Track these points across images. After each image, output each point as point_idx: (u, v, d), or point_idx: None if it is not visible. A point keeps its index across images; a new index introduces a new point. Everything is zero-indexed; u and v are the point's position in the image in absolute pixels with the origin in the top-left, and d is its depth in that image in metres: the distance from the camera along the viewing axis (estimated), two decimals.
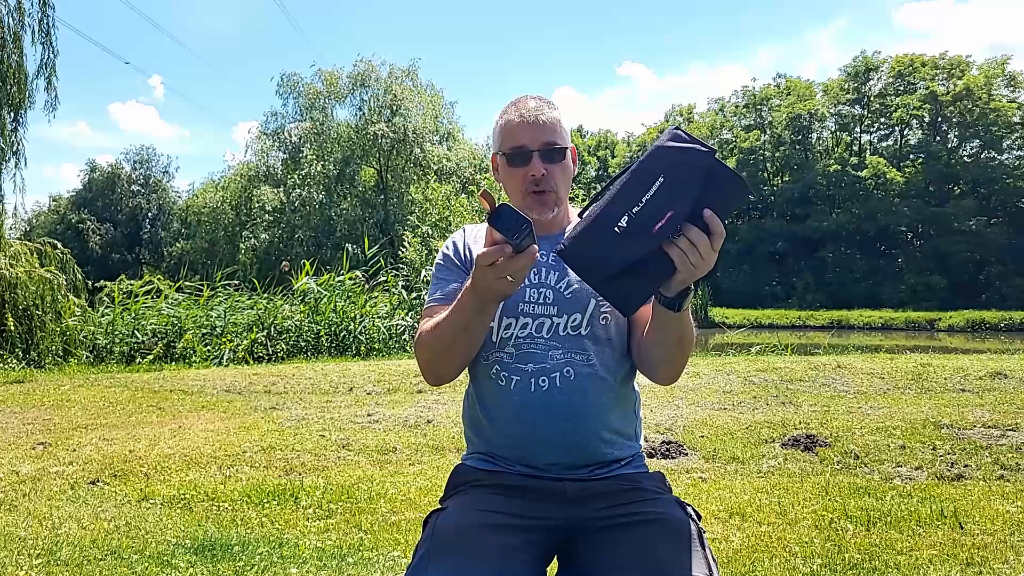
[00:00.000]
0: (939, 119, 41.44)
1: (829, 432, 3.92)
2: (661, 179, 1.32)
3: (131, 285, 11.43)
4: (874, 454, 3.52)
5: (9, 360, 8.68)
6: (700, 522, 1.45)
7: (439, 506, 1.54)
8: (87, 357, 9.59)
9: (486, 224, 1.44)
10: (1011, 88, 39.94)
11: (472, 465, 1.61)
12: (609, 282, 1.36)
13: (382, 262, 12.58)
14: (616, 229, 1.33)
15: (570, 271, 1.52)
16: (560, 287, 1.57)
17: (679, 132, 1.35)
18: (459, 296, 1.45)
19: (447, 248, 1.70)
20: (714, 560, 1.38)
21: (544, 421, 1.51)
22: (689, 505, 1.48)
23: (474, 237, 1.70)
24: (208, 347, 9.49)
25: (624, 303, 1.39)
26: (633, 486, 1.52)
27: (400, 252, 13.22)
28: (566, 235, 1.38)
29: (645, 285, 1.38)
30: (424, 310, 1.63)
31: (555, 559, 1.45)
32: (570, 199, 1.69)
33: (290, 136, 35.13)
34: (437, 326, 1.50)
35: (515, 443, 1.54)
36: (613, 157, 50.91)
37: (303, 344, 9.70)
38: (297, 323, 9.92)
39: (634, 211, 1.32)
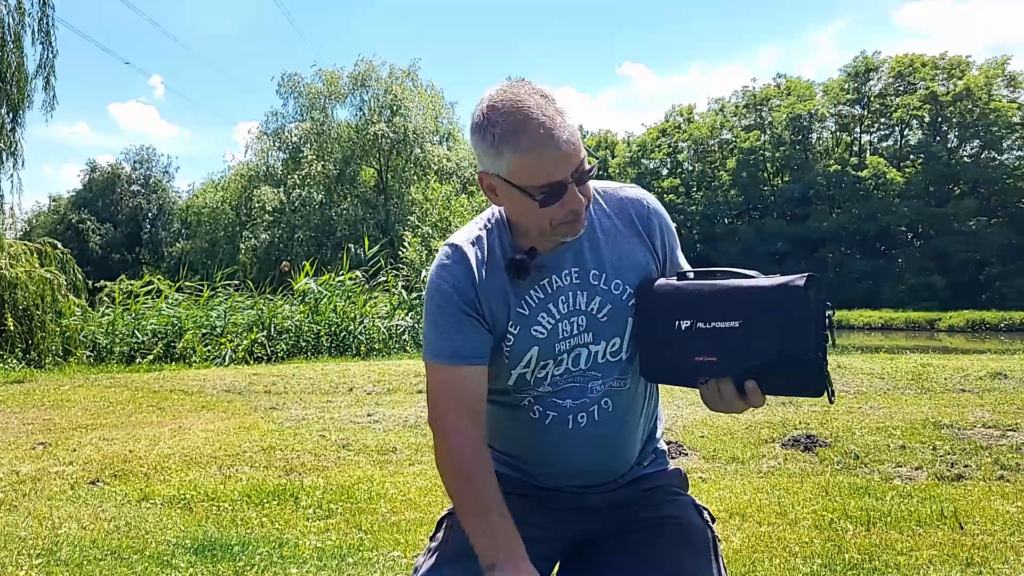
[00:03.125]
0: (939, 119, 41.44)
1: (829, 432, 3.92)
2: (738, 323, 1.20)
3: (131, 285, 11.43)
4: (874, 454, 3.52)
5: (9, 360, 8.68)
6: (714, 524, 1.43)
7: (446, 514, 1.45)
8: (87, 357, 9.59)
9: (493, 245, 1.37)
10: (1011, 88, 39.93)
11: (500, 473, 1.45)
12: (643, 343, 1.32)
13: (382, 262, 12.58)
14: (677, 323, 1.26)
15: (602, 288, 1.38)
16: (592, 309, 1.38)
17: (803, 290, 1.17)
18: (483, 537, 1.27)
19: (447, 287, 1.38)
20: (725, 568, 1.36)
21: (581, 455, 1.41)
22: (706, 509, 1.44)
23: (483, 261, 1.39)
24: (208, 347, 9.49)
25: (644, 369, 1.36)
26: (654, 486, 1.47)
27: (400, 252, 13.23)
28: (661, 279, 1.33)
29: (673, 375, 1.32)
30: (433, 368, 1.37)
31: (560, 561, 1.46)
32: None
33: (290, 136, 35.14)
34: (459, 491, 1.31)
35: (543, 468, 1.44)
36: (613, 157, 50.92)
37: (303, 344, 9.70)
38: (297, 323, 9.92)
39: (698, 325, 1.23)
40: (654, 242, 1.44)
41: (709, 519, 1.43)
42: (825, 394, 1.16)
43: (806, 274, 1.19)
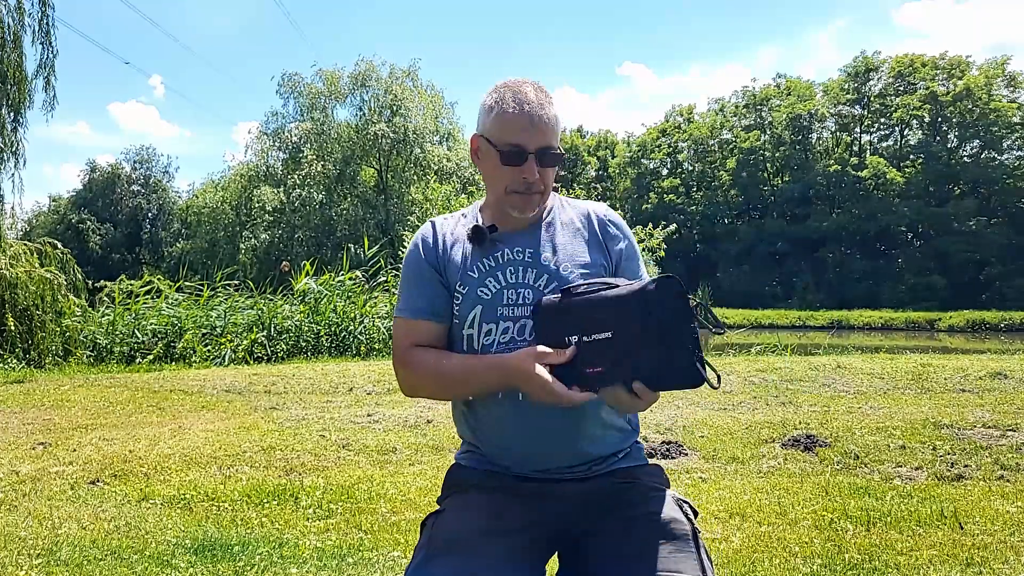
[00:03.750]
0: (939, 119, 41.43)
1: (829, 432, 3.92)
2: (610, 332, 1.29)
3: (131, 285, 11.42)
4: (874, 454, 3.52)
5: (9, 360, 8.68)
6: (696, 519, 1.46)
7: (437, 507, 1.55)
8: (87, 357, 9.59)
9: (462, 222, 1.59)
10: (1011, 88, 39.93)
11: (467, 465, 1.60)
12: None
13: (382, 262, 12.57)
14: (567, 339, 1.35)
15: (551, 268, 1.52)
16: (539, 285, 1.52)
17: (680, 292, 1.27)
18: (481, 370, 1.44)
19: (416, 250, 1.61)
20: (709, 559, 1.39)
21: (534, 433, 1.49)
22: (687, 502, 1.47)
23: (448, 231, 1.62)
24: (208, 347, 9.49)
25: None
26: (631, 483, 1.50)
27: (400, 252, 13.21)
28: (546, 297, 1.44)
29: (579, 387, 1.35)
30: (397, 321, 1.57)
31: (555, 557, 1.47)
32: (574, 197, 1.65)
33: (290, 136, 35.13)
34: (442, 375, 1.48)
35: (507, 452, 1.52)
36: (613, 157, 50.89)
37: (303, 344, 9.70)
38: (297, 323, 9.92)
39: (583, 339, 1.32)
40: (609, 246, 1.58)
41: (691, 512, 1.46)
42: (705, 383, 1.24)
43: (658, 277, 1.30)
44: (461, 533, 1.39)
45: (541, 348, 1.36)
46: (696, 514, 1.48)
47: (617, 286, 1.35)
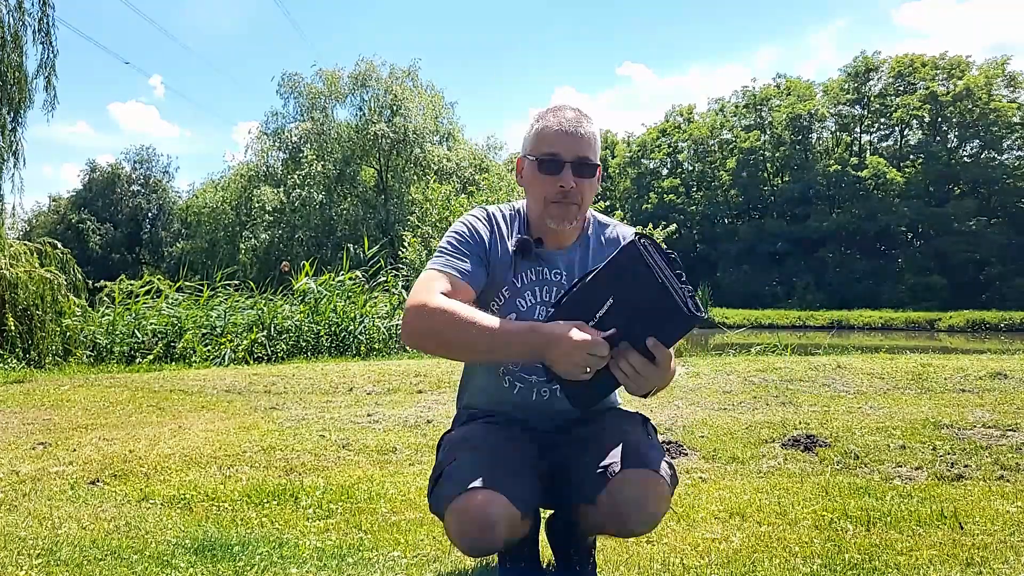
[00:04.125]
0: (939, 119, 41.43)
1: (829, 432, 3.92)
2: (611, 301, 1.42)
3: (131, 285, 11.42)
4: (874, 454, 3.52)
5: (9, 360, 8.68)
6: (656, 434, 1.73)
7: (446, 431, 1.79)
8: (87, 357, 9.59)
9: (513, 223, 1.71)
10: (1011, 88, 39.92)
11: (477, 410, 1.80)
12: (563, 381, 1.48)
13: (382, 262, 12.57)
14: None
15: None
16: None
17: (639, 247, 1.42)
18: (512, 327, 1.49)
19: (472, 228, 1.68)
20: (654, 430, 1.71)
21: (545, 418, 1.73)
22: (650, 422, 1.74)
23: (504, 226, 1.71)
24: (208, 347, 9.49)
25: (575, 402, 1.53)
26: (606, 410, 1.75)
27: (400, 252, 13.23)
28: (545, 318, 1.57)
29: (593, 393, 1.50)
30: (428, 273, 1.60)
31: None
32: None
33: (290, 136, 35.13)
34: (457, 334, 1.48)
35: (514, 405, 1.75)
36: (613, 157, 50.88)
37: (303, 344, 9.69)
38: (297, 323, 9.92)
39: (591, 324, 1.43)
40: None
41: (649, 423, 1.72)
42: (695, 317, 1.39)
43: (635, 233, 1.48)
44: (473, 435, 1.64)
45: (580, 324, 1.45)
46: (655, 431, 1.75)
47: (592, 271, 1.48)
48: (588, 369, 1.41)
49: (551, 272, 1.69)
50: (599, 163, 1.66)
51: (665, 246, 1.50)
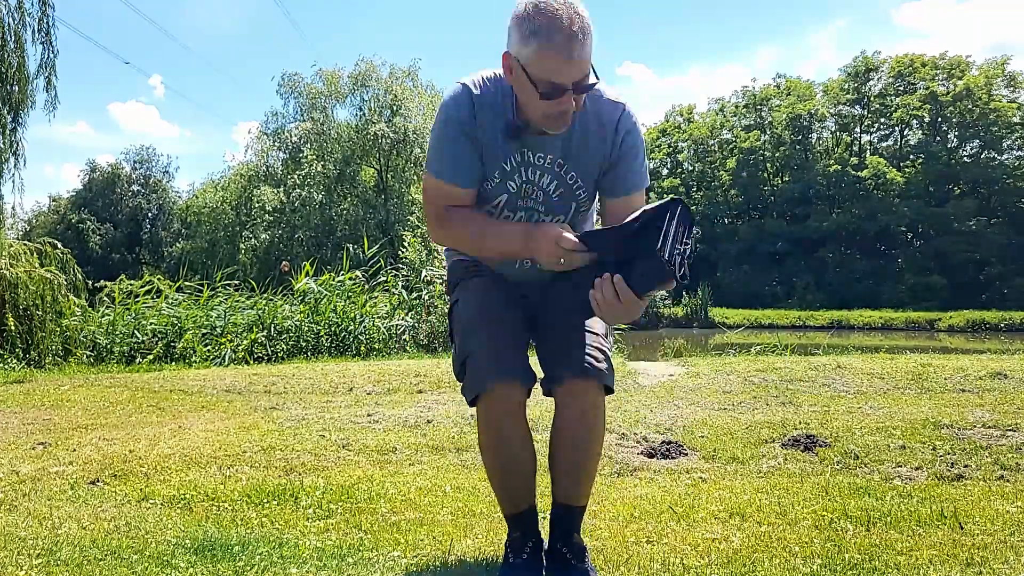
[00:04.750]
0: (939, 119, 41.42)
1: (829, 432, 3.93)
2: (617, 238, 1.64)
3: (131, 285, 11.41)
4: (874, 454, 3.52)
5: (9, 360, 8.68)
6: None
7: (454, 299, 1.99)
8: (87, 357, 9.59)
9: (497, 101, 1.78)
10: (1011, 88, 39.91)
11: (464, 259, 2.01)
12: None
13: (382, 262, 12.57)
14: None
15: (562, 176, 1.83)
16: (550, 190, 1.85)
17: (668, 212, 1.63)
18: (508, 228, 1.79)
19: (456, 117, 1.76)
20: (611, 331, 1.95)
21: (528, 285, 1.97)
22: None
23: (487, 107, 1.77)
24: (208, 347, 9.49)
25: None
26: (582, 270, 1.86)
27: (400, 252, 13.21)
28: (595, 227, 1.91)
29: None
30: (436, 182, 1.80)
31: None
32: None
33: (290, 136, 35.13)
34: (470, 243, 1.86)
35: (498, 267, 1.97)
36: None
37: (303, 344, 9.69)
38: (297, 323, 9.92)
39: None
40: (614, 146, 1.83)
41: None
42: (675, 280, 1.56)
43: (640, 214, 1.65)
44: (485, 311, 1.85)
45: (566, 227, 1.69)
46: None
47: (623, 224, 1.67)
48: (563, 261, 1.65)
49: (535, 156, 1.80)
50: (594, 71, 1.68)
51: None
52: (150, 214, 48.72)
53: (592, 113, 1.78)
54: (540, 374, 1.90)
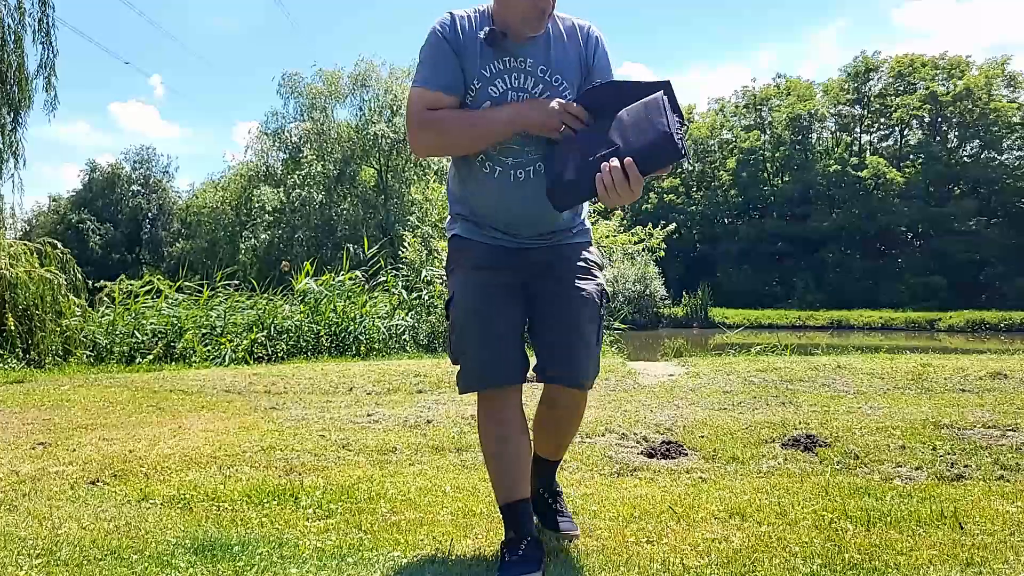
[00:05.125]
0: (939, 119, 41.42)
1: (829, 432, 3.93)
2: (623, 115, 1.71)
3: (131, 285, 11.41)
4: (874, 454, 3.52)
5: (9, 360, 8.68)
6: (608, 303, 2.13)
7: (449, 294, 2.09)
8: (87, 357, 9.58)
9: (476, 20, 1.96)
10: (1011, 88, 39.90)
11: (464, 236, 2.09)
12: (560, 178, 1.79)
13: (382, 262, 12.57)
14: (575, 144, 1.77)
15: (547, 80, 1.95)
16: (536, 92, 1.95)
17: (664, 94, 1.72)
18: (491, 128, 1.88)
19: (439, 34, 1.97)
20: (601, 323, 2.09)
21: (519, 203, 1.98)
22: (605, 293, 2.10)
23: (466, 25, 1.96)
24: (208, 347, 9.49)
25: (554, 195, 1.83)
26: (580, 257, 2.09)
27: (400, 252, 13.22)
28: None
29: (572, 191, 1.80)
30: (419, 89, 1.97)
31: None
32: None
33: (290, 136, 35.15)
34: (455, 131, 1.91)
35: (495, 216, 2.03)
36: None
37: (303, 344, 9.69)
38: (297, 323, 9.92)
39: (592, 136, 1.73)
40: (588, 51, 2.00)
41: (606, 299, 2.09)
42: (684, 158, 1.71)
43: (661, 84, 1.75)
44: (477, 319, 1.98)
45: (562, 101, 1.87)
46: (609, 300, 2.29)
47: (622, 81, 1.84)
48: (563, 128, 1.82)
49: (516, 60, 1.94)
50: None
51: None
52: (150, 214, 48.71)
53: (564, 26, 2.01)
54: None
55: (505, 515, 2.07)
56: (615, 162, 1.67)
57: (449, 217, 2.18)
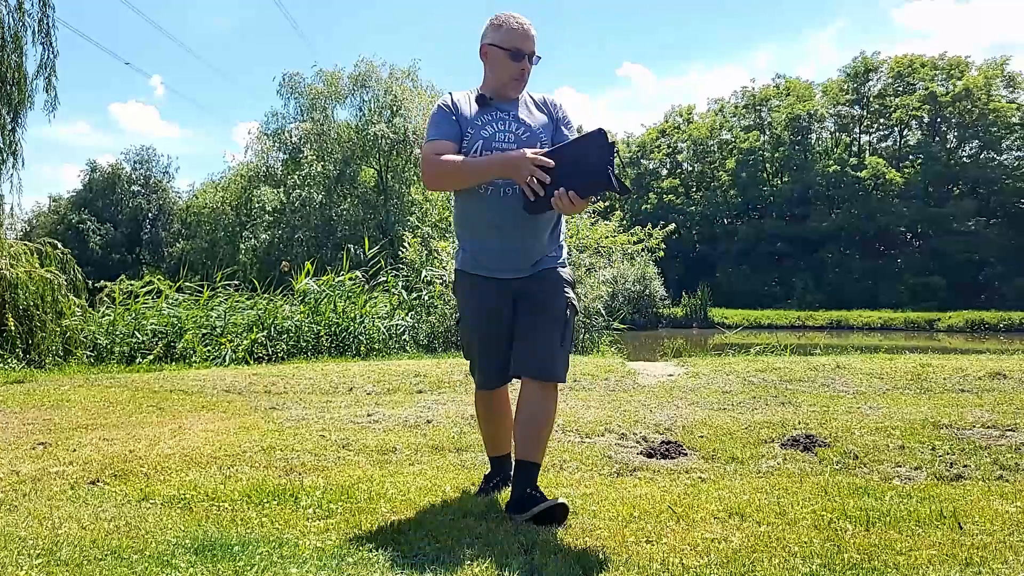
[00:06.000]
0: (938, 120, 41.44)
1: (828, 432, 3.93)
2: (570, 161, 2.43)
3: (131, 285, 11.41)
4: (873, 454, 3.52)
5: (9, 360, 8.68)
6: (575, 316, 2.73)
7: (458, 315, 2.86)
8: (87, 357, 9.58)
9: (469, 95, 2.72)
10: (1010, 89, 39.92)
11: (463, 270, 2.75)
12: (529, 200, 2.48)
13: (382, 262, 12.58)
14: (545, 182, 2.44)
15: (527, 123, 2.65)
16: (519, 132, 2.63)
17: (603, 137, 2.43)
18: (480, 168, 2.53)
19: (443, 106, 2.68)
20: (570, 332, 2.68)
21: (509, 214, 2.57)
22: (574, 305, 2.69)
23: (463, 99, 2.70)
24: (208, 347, 9.49)
25: (528, 207, 2.49)
26: (554, 279, 2.67)
27: (400, 252, 13.22)
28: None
29: (539, 203, 2.47)
30: (429, 143, 2.62)
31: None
32: None
33: (290, 136, 35.10)
34: (454, 169, 2.56)
35: (486, 243, 2.66)
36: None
37: (303, 344, 9.70)
38: (297, 323, 9.92)
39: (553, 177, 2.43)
40: (555, 113, 2.76)
41: (573, 312, 2.68)
42: (616, 190, 2.42)
43: (598, 128, 2.45)
44: (476, 338, 2.77)
45: (532, 150, 2.48)
46: (576, 313, 2.73)
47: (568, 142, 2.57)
48: (531, 178, 2.42)
49: (500, 112, 2.66)
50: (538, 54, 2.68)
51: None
52: (150, 214, 48.68)
53: (536, 97, 2.78)
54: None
55: (491, 463, 3.01)
56: (562, 193, 2.38)
57: (458, 246, 2.81)
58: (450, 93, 2.71)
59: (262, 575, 2.09)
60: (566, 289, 2.65)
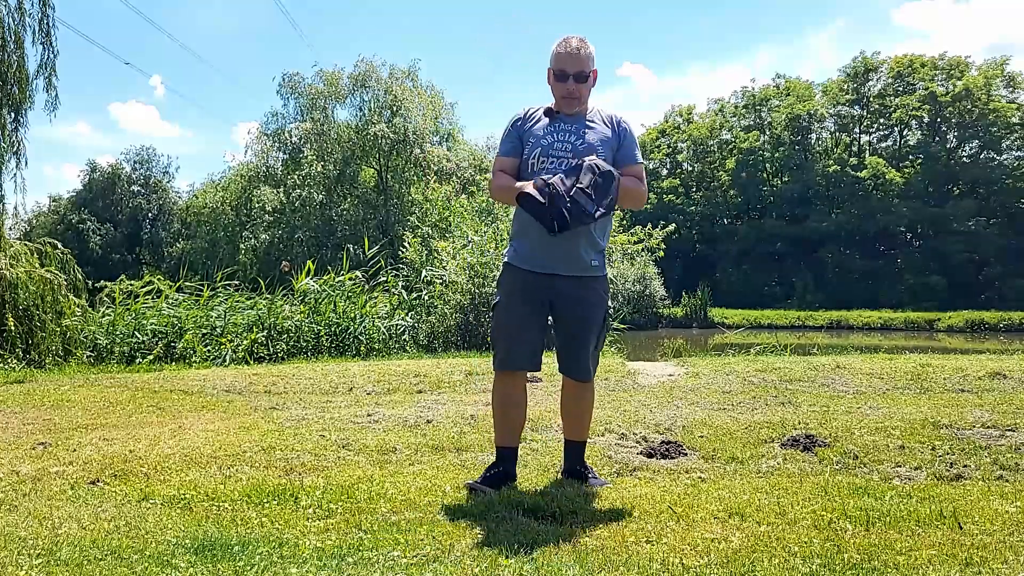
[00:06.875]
0: (938, 120, 41.41)
1: (828, 432, 3.93)
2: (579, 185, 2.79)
3: (131, 285, 11.41)
4: (873, 454, 3.52)
5: (9, 360, 8.68)
6: (610, 321, 3.33)
7: (496, 298, 3.10)
8: (87, 357, 9.58)
9: (540, 108, 3.08)
10: (1010, 89, 39.90)
11: (511, 263, 3.04)
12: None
13: (382, 262, 12.58)
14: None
15: (584, 135, 2.96)
16: (576, 142, 2.94)
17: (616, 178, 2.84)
18: (511, 191, 2.90)
19: (513, 121, 3.07)
20: (603, 336, 3.15)
21: (550, 252, 2.93)
22: (610, 311, 3.12)
23: (533, 111, 3.08)
24: (208, 347, 9.49)
25: (544, 222, 2.77)
26: (594, 288, 3.01)
27: (400, 252, 13.23)
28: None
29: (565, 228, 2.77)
30: (496, 159, 3.06)
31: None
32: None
33: (290, 136, 35.04)
34: (498, 188, 3.02)
35: (532, 254, 2.96)
36: None
37: (303, 344, 9.70)
38: (297, 323, 9.92)
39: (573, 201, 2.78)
40: (616, 126, 3.04)
41: (609, 318, 3.11)
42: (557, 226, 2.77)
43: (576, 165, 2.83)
44: (511, 320, 3.00)
45: (530, 185, 2.80)
46: (613, 318, 3.31)
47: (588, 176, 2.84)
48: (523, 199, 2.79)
49: (565, 125, 2.98)
50: (593, 70, 2.98)
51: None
52: (150, 214, 48.62)
53: (604, 114, 3.07)
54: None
55: (498, 452, 3.10)
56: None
57: (509, 243, 3.13)
58: (526, 108, 3.10)
59: (262, 575, 2.09)
60: (607, 300, 3.05)
